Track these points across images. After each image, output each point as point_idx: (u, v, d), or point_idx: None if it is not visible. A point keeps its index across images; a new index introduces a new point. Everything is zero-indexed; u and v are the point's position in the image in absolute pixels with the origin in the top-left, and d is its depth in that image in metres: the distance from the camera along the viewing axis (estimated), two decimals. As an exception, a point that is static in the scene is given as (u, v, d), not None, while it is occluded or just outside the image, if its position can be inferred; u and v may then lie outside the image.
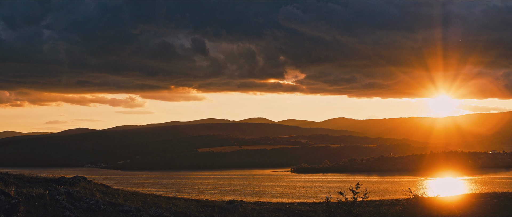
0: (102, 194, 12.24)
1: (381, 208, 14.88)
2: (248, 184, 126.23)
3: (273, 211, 15.43)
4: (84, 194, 11.02)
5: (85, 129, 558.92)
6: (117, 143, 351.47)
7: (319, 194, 63.60)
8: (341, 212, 13.25)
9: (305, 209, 16.63)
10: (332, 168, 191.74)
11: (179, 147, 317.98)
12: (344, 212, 13.18)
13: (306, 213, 15.65)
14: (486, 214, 16.14)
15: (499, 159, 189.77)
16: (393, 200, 20.30)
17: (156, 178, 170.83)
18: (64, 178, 13.45)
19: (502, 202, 18.15)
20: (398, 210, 14.64)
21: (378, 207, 15.00)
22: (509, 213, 16.63)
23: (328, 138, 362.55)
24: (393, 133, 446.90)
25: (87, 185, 13.42)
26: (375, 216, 13.65)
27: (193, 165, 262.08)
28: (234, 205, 14.66)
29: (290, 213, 15.46)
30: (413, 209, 13.87)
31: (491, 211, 16.46)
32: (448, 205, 16.71)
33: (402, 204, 15.40)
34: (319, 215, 14.57)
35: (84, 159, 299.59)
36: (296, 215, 15.38)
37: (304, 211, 16.09)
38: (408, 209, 14.12)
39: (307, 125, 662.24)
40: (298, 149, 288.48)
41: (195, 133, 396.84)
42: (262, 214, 14.51)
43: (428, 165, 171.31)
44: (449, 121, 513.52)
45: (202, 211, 13.04)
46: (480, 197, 19.78)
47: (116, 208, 10.04)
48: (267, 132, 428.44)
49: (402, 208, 14.64)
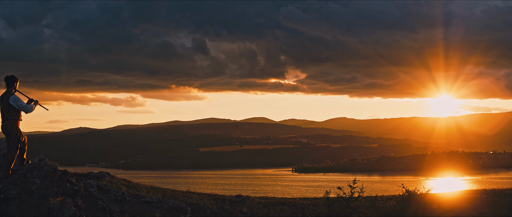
0: (126, 187, 13.59)
1: (376, 202, 16.19)
2: (249, 183, 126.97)
3: (277, 204, 16.80)
4: (111, 187, 12.34)
5: (86, 128, 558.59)
6: (119, 142, 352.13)
7: (319, 193, 64.74)
8: (339, 205, 14.56)
9: (306, 203, 17.98)
10: (333, 168, 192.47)
11: (180, 146, 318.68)
12: (342, 205, 14.50)
13: (307, 206, 16.98)
14: (475, 208, 17.36)
15: (500, 159, 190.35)
16: (388, 196, 21.58)
17: (158, 177, 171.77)
18: (92, 173, 14.81)
19: (491, 197, 19.40)
20: (392, 204, 15.97)
21: (373, 201, 16.28)
22: (497, 207, 17.87)
23: (329, 137, 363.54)
24: (394, 132, 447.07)
25: (111, 179, 14.81)
26: (370, 209, 14.95)
27: (194, 164, 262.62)
28: (242, 198, 16.12)
29: (293, 206, 16.80)
30: (405, 203, 15.19)
31: (480, 206, 17.68)
32: (438, 200, 17.97)
33: (396, 199, 16.79)
34: (319, 208, 15.89)
35: (86, 158, 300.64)
36: (298, 207, 16.69)
37: (305, 205, 17.44)
38: (400, 203, 15.46)
39: (308, 124, 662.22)
40: (299, 148, 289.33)
41: (196, 133, 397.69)
42: (268, 207, 15.85)
43: (429, 165, 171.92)
44: (450, 121, 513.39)
45: (214, 203, 14.36)
46: (471, 193, 20.99)
47: (139, 199, 11.30)
48: (268, 132, 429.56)
49: (396, 202, 16.02)
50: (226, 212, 13.25)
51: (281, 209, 15.88)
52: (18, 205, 6.79)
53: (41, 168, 7.78)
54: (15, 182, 7.19)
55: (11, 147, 8.26)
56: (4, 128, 8.43)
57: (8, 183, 7.12)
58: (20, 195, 6.95)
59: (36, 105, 8.80)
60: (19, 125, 8.49)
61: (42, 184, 7.31)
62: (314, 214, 15.21)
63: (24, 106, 8.69)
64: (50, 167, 7.99)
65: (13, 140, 8.29)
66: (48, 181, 7.39)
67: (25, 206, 6.87)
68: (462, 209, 17.24)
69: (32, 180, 7.27)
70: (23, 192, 7.00)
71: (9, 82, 8.82)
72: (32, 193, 7.05)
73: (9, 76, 8.86)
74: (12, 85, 8.86)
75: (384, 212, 14.76)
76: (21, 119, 8.56)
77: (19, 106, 8.63)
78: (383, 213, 14.70)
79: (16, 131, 8.43)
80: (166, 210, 10.44)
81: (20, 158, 8.83)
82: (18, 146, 8.43)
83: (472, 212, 16.86)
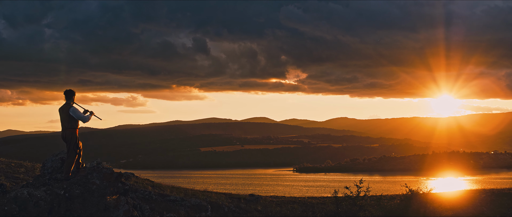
0: (151, 186, 14.57)
1: (381, 201, 17.13)
2: (250, 183, 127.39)
3: (288, 203, 17.77)
4: (138, 187, 13.31)
5: (87, 128, 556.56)
6: (120, 142, 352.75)
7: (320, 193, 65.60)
8: (347, 203, 15.50)
9: (315, 202, 18.94)
10: (334, 168, 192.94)
11: (182, 146, 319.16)
12: (349, 204, 15.45)
13: (316, 205, 17.92)
14: (475, 207, 18.29)
15: (501, 159, 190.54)
16: (392, 195, 22.54)
17: (160, 177, 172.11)
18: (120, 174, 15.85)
19: (489, 197, 20.31)
20: (396, 203, 16.92)
21: (378, 200, 17.21)
22: (496, 206, 18.77)
23: (330, 137, 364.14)
24: (395, 132, 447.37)
25: (136, 179, 15.82)
26: (376, 207, 15.89)
27: (195, 164, 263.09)
28: (256, 197, 17.11)
29: (303, 204, 17.76)
30: (408, 202, 16.14)
31: (479, 205, 18.60)
32: (439, 199, 18.92)
33: (400, 197, 17.75)
34: (327, 206, 16.86)
35: (88, 158, 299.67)
36: (308, 206, 17.63)
37: (314, 203, 18.39)
38: (404, 201, 16.42)
39: (309, 124, 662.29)
40: (300, 148, 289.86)
41: (197, 132, 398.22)
42: (280, 205, 16.84)
43: (430, 165, 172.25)
44: (451, 121, 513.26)
45: (231, 201, 15.31)
46: (471, 193, 21.92)
47: (165, 198, 12.26)
48: (269, 132, 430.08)
49: (400, 200, 16.98)
50: (242, 210, 14.20)
51: (292, 207, 16.85)
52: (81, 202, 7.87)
53: (100, 170, 8.86)
54: (78, 182, 8.27)
55: (71, 152, 9.45)
56: (64, 135, 9.57)
57: (72, 183, 8.24)
58: (83, 193, 8.01)
59: (91, 116, 9.94)
60: (77, 133, 9.66)
61: (101, 184, 8.37)
62: (323, 212, 16.16)
63: (82, 117, 9.91)
64: (107, 170, 9.06)
65: (73, 146, 9.47)
66: (106, 182, 8.47)
67: (87, 203, 7.93)
68: (462, 208, 18.17)
69: (93, 181, 8.35)
70: (85, 191, 8.05)
71: (68, 95, 10.05)
72: (92, 192, 8.11)
73: (68, 90, 10.10)
74: (71, 98, 10.08)
75: (389, 210, 15.70)
76: (79, 128, 9.73)
77: (77, 116, 9.83)
78: (388, 211, 15.64)
79: (76, 139, 9.62)
80: (189, 208, 11.40)
81: (77, 162, 9.96)
82: (77, 151, 9.58)
83: (471, 210, 17.77)
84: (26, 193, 8.07)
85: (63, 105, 10.06)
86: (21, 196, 7.94)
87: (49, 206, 7.78)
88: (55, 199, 7.92)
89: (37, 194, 8.01)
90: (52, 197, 7.94)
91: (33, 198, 7.82)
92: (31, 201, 7.71)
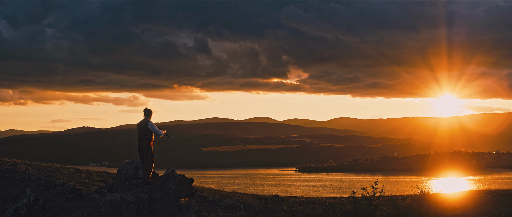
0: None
1: (395, 201, 18.39)
2: (252, 183, 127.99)
3: (310, 203, 19.06)
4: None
5: (89, 128, 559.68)
6: (122, 142, 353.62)
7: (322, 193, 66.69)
8: (364, 204, 16.76)
9: (334, 202, 20.22)
10: (337, 168, 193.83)
11: (184, 146, 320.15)
12: (365, 204, 16.72)
13: (335, 205, 19.19)
14: (481, 206, 19.52)
15: (503, 159, 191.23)
16: (404, 196, 23.82)
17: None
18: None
19: (494, 197, 21.53)
20: (408, 203, 18.17)
21: (392, 200, 18.46)
22: (501, 205, 20.00)
23: (332, 137, 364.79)
24: (397, 132, 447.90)
25: None
26: (390, 207, 17.14)
27: (197, 164, 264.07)
28: (281, 197, 18.45)
29: (322, 204, 19.03)
30: (420, 202, 17.40)
31: (485, 204, 19.82)
32: (449, 200, 20.20)
33: (412, 198, 19.02)
34: (346, 206, 18.11)
35: (89, 157, 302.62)
36: (328, 205, 18.89)
37: (333, 203, 19.66)
38: (416, 202, 17.69)
39: (311, 124, 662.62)
40: (302, 148, 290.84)
41: (199, 132, 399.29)
42: (302, 205, 18.11)
43: (432, 165, 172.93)
44: (453, 121, 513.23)
45: (259, 202, 16.58)
46: (478, 194, 23.19)
47: (203, 199, 13.55)
48: (271, 131, 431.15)
49: (412, 201, 18.25)
50: (270, 209, 15.43)
51: (314, 207, 18.10)
52: (160, 204, 9.33)
53: (175, 176, 10.30)
54: (157, 187, 9.72)
55: (149, 161, 11.04)
56: (141, 145, 11.09)
57: (152, 188, 9.72)
58: (162, 197, 9.43)
59: (163, 132, 11.56)
60: (152, 144, 11.27)
61: (177, 188, 9.78)
62: (342, 211, 17.39)
63: (157, 131, 11.82)
64: (181, 176, 10.54)
65: (150, 156, 10.99)
66: (181, 186, 9.87)
67: (165, 205, 9.38)
68: (470, 207, 19.42)
69: (169, 186, 9.78)
70: (164, 195, 9.46)
71: (147, 113, 11.98)
72: (169, 196, 9.52)
73: (147, 109, 12.07)
74: (149, 116, 11.97)
75: (403, 210, 16.94)
76: (154, 140, 11.34)
77: (154, 130, 11.73)
78: (401, 211, 16.89)
79: (151, 149, 11.16)
80: (225, 208, 12.68)
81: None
82: (153, 160, 11.16)
83: (478, 210, 19.00)
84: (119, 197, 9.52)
85: (142, 120, 11.95)
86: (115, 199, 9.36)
87: (137, 207, 9.15)
88: (141, 202, 9.30)
89: (128, 198, 9.50)
90: (138, 200, 9.32)
91: (125, 201, 9.24)
92: (123, 204, 9.09)
